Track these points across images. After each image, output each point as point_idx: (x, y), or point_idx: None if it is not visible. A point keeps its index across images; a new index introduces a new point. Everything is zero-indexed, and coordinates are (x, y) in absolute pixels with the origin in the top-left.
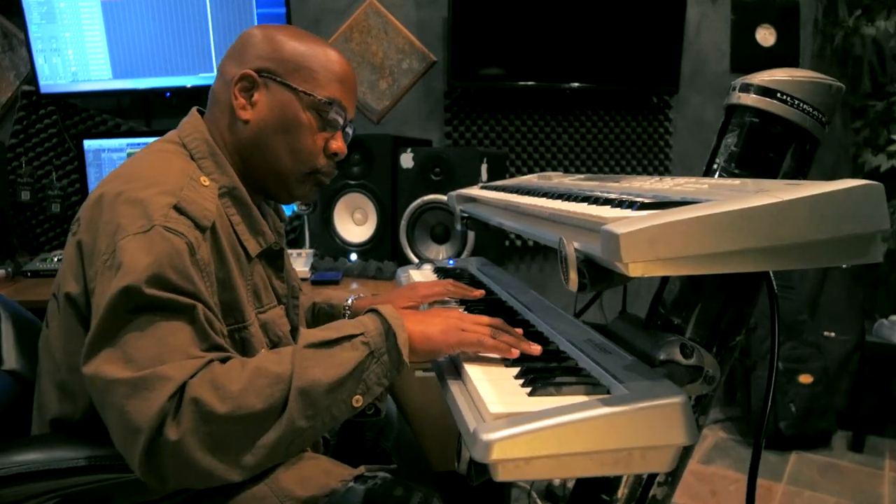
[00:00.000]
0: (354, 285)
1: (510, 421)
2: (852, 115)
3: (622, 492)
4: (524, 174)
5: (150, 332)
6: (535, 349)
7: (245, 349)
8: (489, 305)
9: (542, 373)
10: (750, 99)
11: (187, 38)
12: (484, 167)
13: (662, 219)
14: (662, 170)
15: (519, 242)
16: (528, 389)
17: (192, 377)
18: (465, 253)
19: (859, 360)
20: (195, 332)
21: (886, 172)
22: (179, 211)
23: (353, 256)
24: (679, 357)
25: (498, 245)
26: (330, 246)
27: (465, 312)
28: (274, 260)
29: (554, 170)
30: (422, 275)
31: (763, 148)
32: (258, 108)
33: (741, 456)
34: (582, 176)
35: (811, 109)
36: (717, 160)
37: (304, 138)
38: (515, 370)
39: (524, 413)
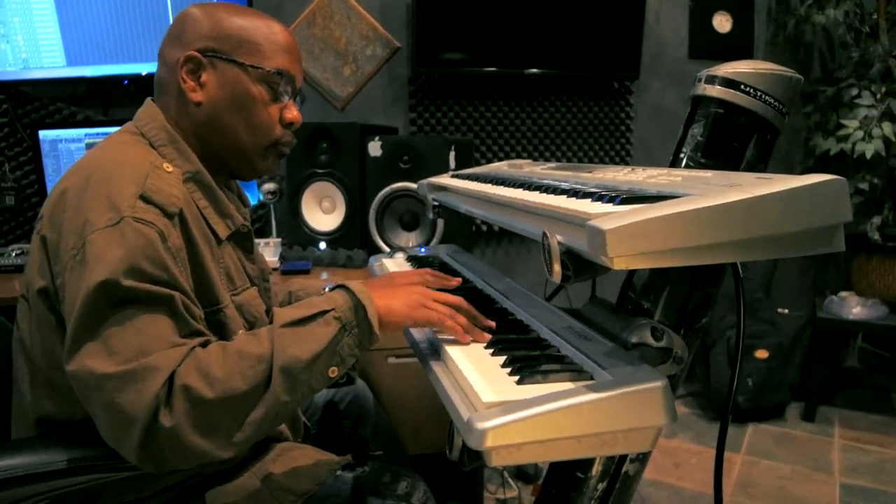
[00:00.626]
0: (325, 275)
1: (502, 409)
2: (803, 100)
3: (596, 469)
4: (489, 160)
5: (132, 325)
6: (486, 337)
7: (223, 331)
8: (466, 294)
9: (527, 361)
10: (715, 90)
11: (145, 22)
12: (452, 155)
13: (645, 214)
14: (624, 154)
15: (485, 228)
16: (517, 378)
17: (179, 365)
18: (435, 240)
19: (811, 335)
20: (175, 321)
21: (836, 155)
22: (146, 200)
23: (322, 245)
24: (650, 340)
25: (466, 231)
26: (298, 235)
27: (429, 289)
28: (243, 242)
29: (518, 155)
30: (395, 263)
31: (728, 138)
32: (208, 88)
33: (702, 429)
34: (552, 165)
35: (773, 101)
36: (684, 150)
37: (258, 112)
38: (501, 358)
39: (515, 401)
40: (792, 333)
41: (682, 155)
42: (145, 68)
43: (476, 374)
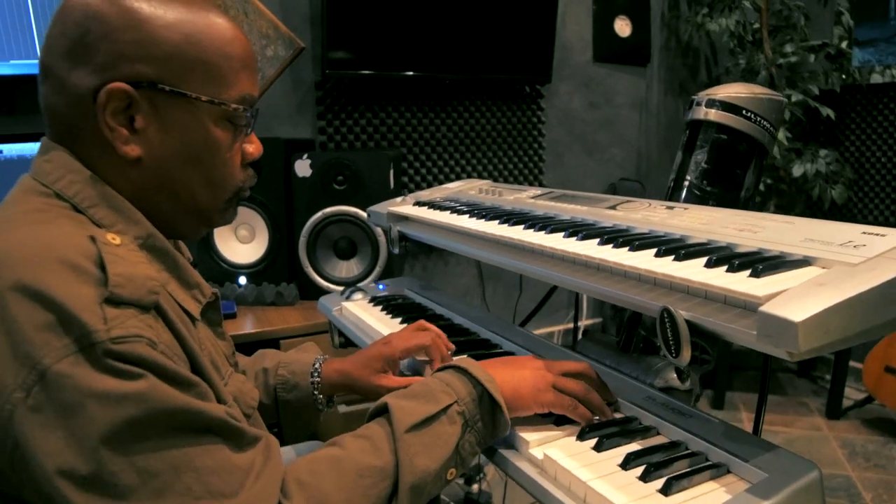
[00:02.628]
0: (249, 320)
1: None
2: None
3: None
4: (405, 171)
5: (186, 465)
6: (610, 413)
7: None
8: (483, 352)
9: (645, 456)
10: (717, 115)
11: None
12: (391, 172)
13: (826, 300)
14: (537, 159)
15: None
16: (658, 486)
17: (285, 499)
18: (378, 268)
19: None
20: (227, 438)
21: None
22: (115, 303)
23: (242, 280)
24: (676, 383)
25: (401, 255)
26: (211, 269)
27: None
28: (210, 315)
29: (434, 164)
30: (357, 306)
31: (731, 164)
32: (147, 136)
33: None
34: (537, 191)
35: (769, 125)
36: (688, 177)
37: (219, 162)
38: (612, 455)
39: None
40: None
41: (686, 182)
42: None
43: (605, 484)
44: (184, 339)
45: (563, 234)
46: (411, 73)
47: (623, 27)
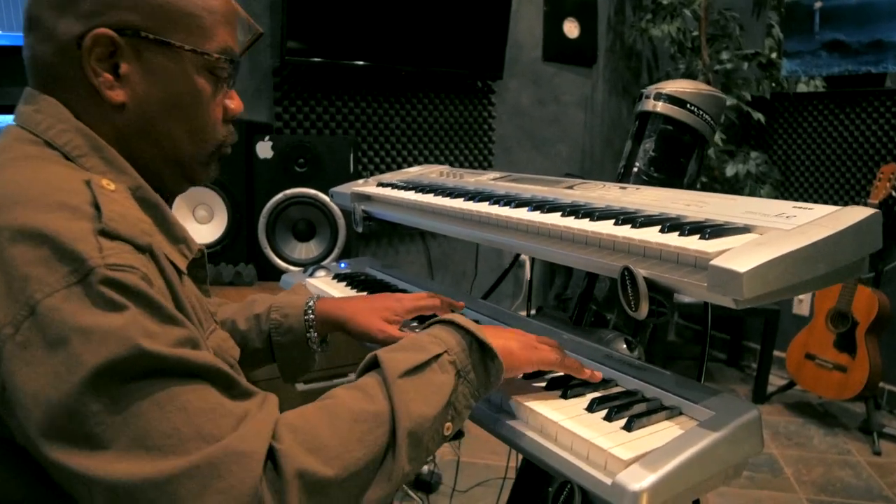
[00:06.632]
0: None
1: (644, 464)
2: (636, 105)
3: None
4: (359, 159)
5: (173, 406)
6: (598, 375)
7: None
8: None
9: (608, 402)
10: (664, 108)
11: None
12: (352, 156)
13: (765, 254)
14: (487, 153)
15: None
16: (621, 424)
17: (274, 442)
18: (337, 250)
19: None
20: (216, 382)
21: None
22: (109, 235)
23: None
24: (625, 353)
25: (358, 235)
26: None
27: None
28: (196, 271)
29: (388, 153)
30: (321, 282)
31: (676, 154)
32: (131, 83)
33: None
34: (498, 174)
35: (710, 119)
36: (637, 164)
37: (202, 112)
38: (579, 401)
39: (647, 454)
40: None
41: (634, 168)
42: None
43: (578, 425)
44: (173, 287)
45: (527, 208)
46: (368, 63)
47: (572, 29)
